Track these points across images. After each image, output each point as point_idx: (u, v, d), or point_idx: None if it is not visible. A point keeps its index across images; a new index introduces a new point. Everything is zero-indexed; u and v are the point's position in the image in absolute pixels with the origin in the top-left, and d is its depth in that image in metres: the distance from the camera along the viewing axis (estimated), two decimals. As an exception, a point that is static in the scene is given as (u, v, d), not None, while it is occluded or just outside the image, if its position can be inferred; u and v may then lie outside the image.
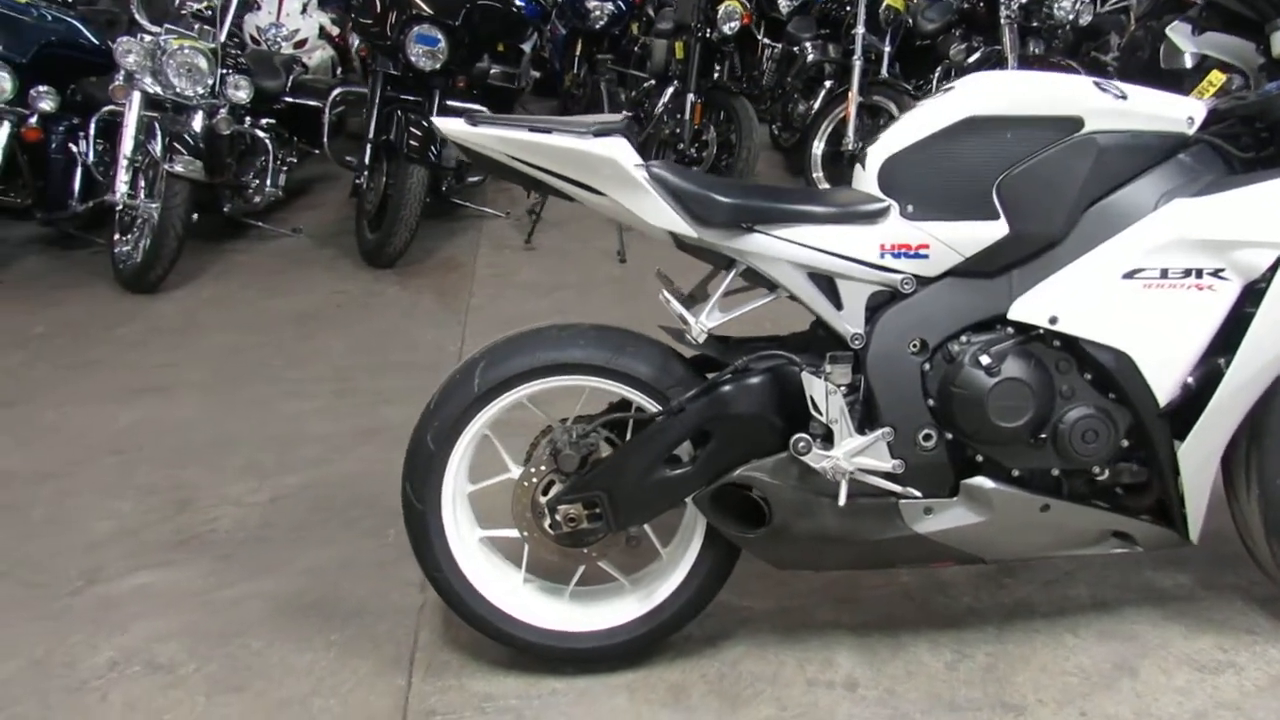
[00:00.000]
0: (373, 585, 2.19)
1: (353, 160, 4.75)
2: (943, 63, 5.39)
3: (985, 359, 1.70)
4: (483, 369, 1.80)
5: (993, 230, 1.71)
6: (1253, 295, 1.70)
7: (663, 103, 5.47)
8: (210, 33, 4.51)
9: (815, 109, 5.52)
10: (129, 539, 2.41)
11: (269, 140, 4.89)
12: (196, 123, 4.35)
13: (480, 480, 1.90)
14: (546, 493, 1.81)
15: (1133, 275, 1.70)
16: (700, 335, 1.77)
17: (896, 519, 1.77)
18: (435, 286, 4.28)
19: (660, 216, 1.70)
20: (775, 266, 1.73)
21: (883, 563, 1.90)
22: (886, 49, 5.23)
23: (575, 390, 1.83)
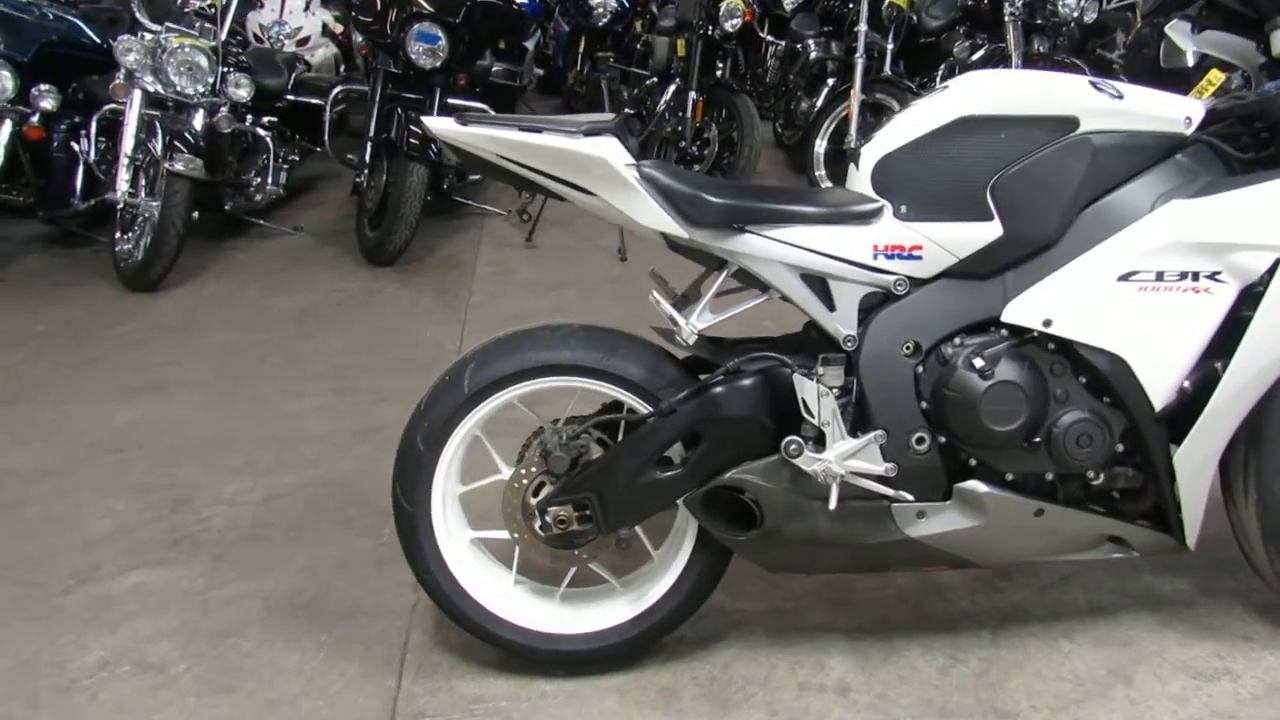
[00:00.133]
0: (367, 585, 2.18)
1: (354, 158, 4.75)
2: (946, 60, 5.35)
3: (979, 362, 1.68)
4: (473, 370, 1.79)
5: (987, 231, 1.70)
6: (1250, 298, 1.68)
7: (665, 100, 5.45)
8: (211, 31, 4.50)
9: (818, 107, 5.52)
10: (124, 538, 2.41)
11: (270, 138, 4.88)
12: (197, 121, 4.36)
13: (471, 481, 1.89)
14: (537, 494, 1.80)
15: (1128, 278, 1.68)
16: (690, 337, 1.76)
17: (889, 522, 1.75)
18: (435, 284, 4.28)
19: (650, 217, 1.68)
20: (767, 267, 1.72)
21: (875, 566, 1.88)
22: (890, 46, 5.21)
23: (567, 391, 1.82)
